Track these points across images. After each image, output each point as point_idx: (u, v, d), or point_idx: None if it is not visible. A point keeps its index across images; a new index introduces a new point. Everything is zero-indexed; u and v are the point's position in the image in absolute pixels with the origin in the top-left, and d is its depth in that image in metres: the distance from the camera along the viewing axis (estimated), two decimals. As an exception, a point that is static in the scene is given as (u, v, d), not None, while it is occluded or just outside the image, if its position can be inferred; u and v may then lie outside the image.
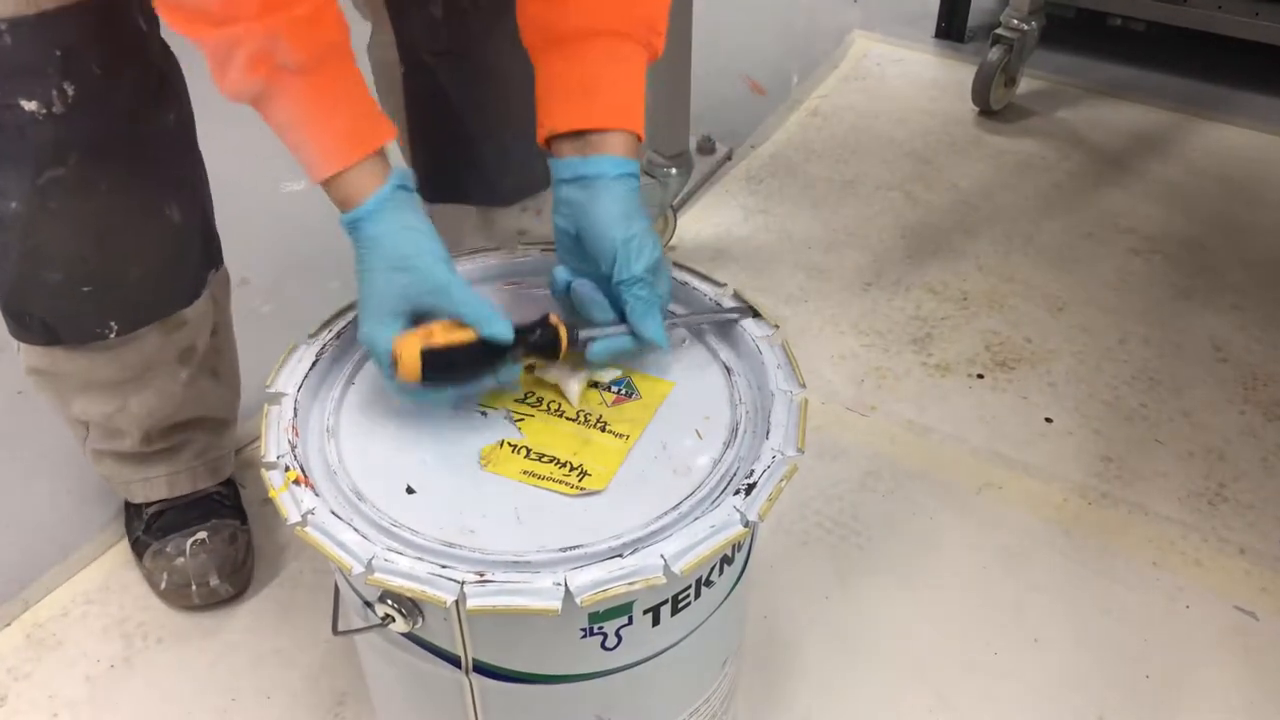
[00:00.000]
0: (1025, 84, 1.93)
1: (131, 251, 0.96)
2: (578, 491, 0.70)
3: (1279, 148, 1.80)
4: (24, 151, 0.88)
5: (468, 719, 0.74)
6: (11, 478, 1.27)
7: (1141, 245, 1.60)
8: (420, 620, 0.68)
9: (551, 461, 0.72)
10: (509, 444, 0.74)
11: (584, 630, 0.68)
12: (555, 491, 0.71)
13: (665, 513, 0.68)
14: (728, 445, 0.73)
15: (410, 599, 0.66)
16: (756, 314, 0.83)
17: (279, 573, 1.16)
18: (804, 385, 0.77)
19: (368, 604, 0.70)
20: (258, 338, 1.19)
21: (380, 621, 0.68)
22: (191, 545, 1.10)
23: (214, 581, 1.10)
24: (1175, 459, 1.28)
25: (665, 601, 0.70)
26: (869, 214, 1.66)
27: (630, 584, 0.64)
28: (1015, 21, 1.82)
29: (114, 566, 1.16)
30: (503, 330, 0.72)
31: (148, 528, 1.13)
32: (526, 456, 0.73)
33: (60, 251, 0.94)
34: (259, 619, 1.11)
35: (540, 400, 0.77)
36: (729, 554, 0.73)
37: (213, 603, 1.11)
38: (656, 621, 0.71)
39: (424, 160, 1.10)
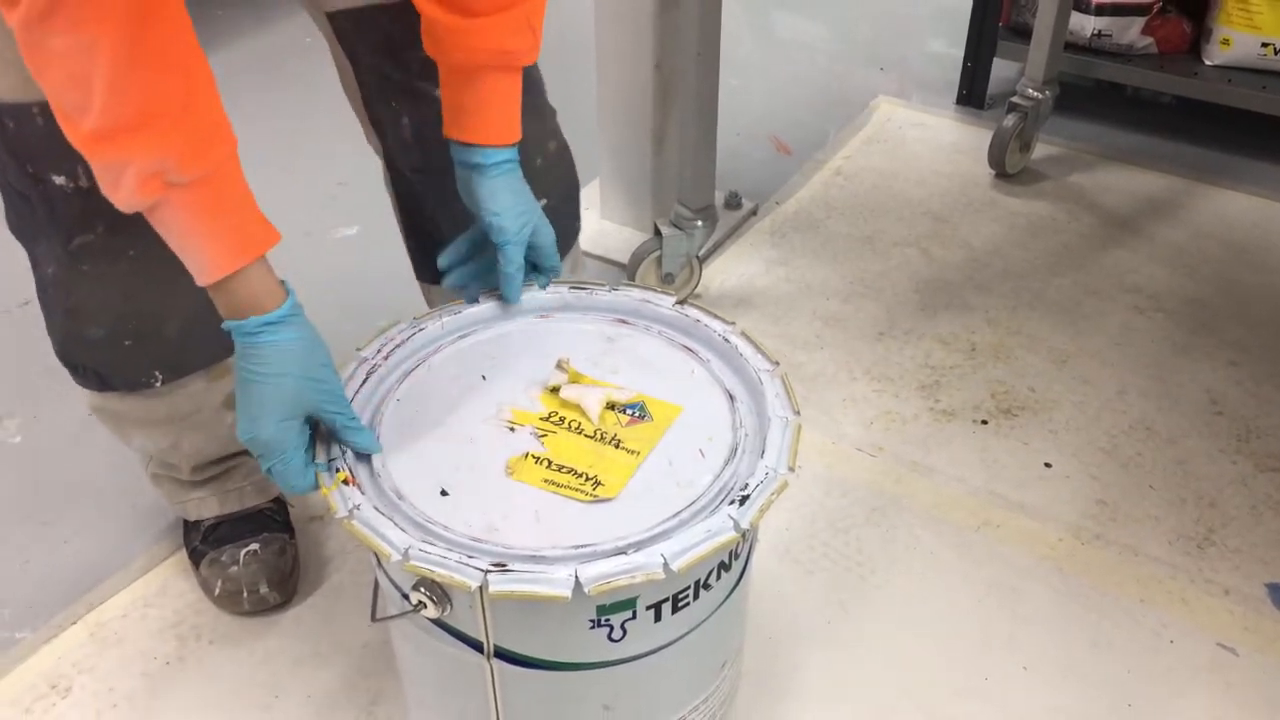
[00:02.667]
0: (1040, 149, 2.02)
1: (164, 309, 1.04)
2: (591, 498, 0.80)
3: (1282, 214, 1.88)
4: (56, 221, 0.97)
5: (488, 702, 0.83)
6: (80, 492, 1.38)
7: (1145, 303, 1.68)
8: (449, 607, 0.77)
9: (570, 472, 0.82)
10: (533, 456, 0.83)
11: (592, 621, 0.77)
12: (572, 498, 0.80)
13: (667, 519, 0.77)
14: (727, 463, 0.82)
15: (440, 585, 0.76)
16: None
17: (321, 584, 1.25)
18: (798, 412, 0.85)
19: (404, 594, 0.79)
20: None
21: (413, 608, 0.78)
22: (245, 555, 1.20)
23: (264, 589, 1.19)
24: (1167, 504, 1.34)
25: (666, 599, 0.78)
26: (885, 268, 1.75)
27: (632, 578, 0.72)
28: (1030, 90, 1.91)
29: (171, 574, 1.26)
30: (370, 444, 0.83)
31: (204, 539, 1.23)
32: (548, 467, 0.82)
33: (99, 309, 1.03)
34: (301, 625, 1.21)
35: (563, 420, 0.87)
36: (725, 560, 0.82)
37: (261, 609, 1.20)
38: (658, 618, 0.79)
39: (414, 247, 1.20)
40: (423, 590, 0.76)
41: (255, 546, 1.21)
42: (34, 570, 1.28)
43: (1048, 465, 1.40)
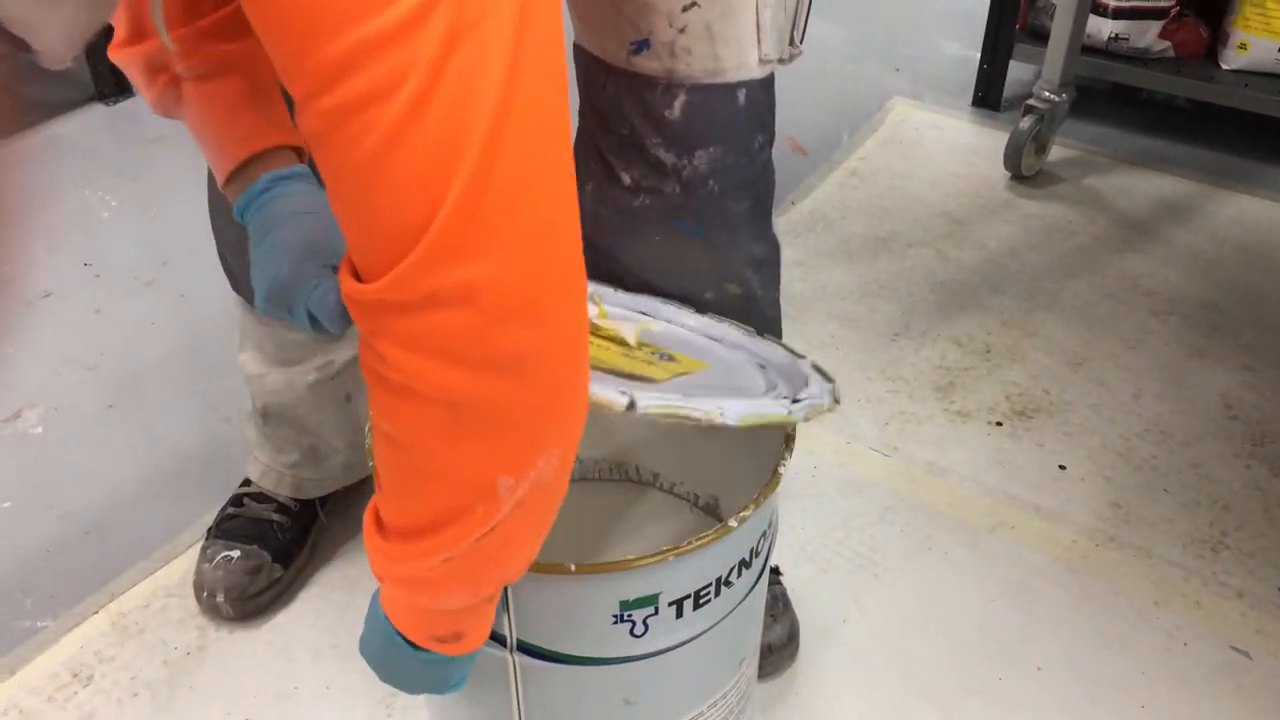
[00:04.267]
0: (1057, 152, 2.02)
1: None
2: (635, 378, 0.78)
3: (1298, 219, 1.88)
4: None
5: (511, 695, 0.84)
6: (100, 484, 1.39)
7: (1160, 307, 1.68)
8: (473, 601, 0.78)
9: (609, 368, 0.80)
10: None
11: (615, 617, 0.78)
12: (620, 372, 0.78)
13: (725, 393, 0.77)
14: (770, 388, 0.83)
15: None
16: None
17: (342, 579, 1.26)
18: (832, 380, 0.86)
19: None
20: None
21: (438, 601, 0.78)
22: (220, 559, 1.19)
23: (220, 599, 1.18)
24: (1181, 507, 1.35)
25: (689, 596, 0.79)
26: (900, 269, 1.76)
27: (692, 411, 0.71)
28: (1047, 93, 1.92)
29: (191, 564, 1.27)
30: None
31: (217, 525, 1.24)
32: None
33: (225, 220, 1.01)
34: (321, 618, 1.22)
35: (598, 330, 0.85)
36: (746, 558, 0.83)
37: (213, 617, 1.20)
38: (680, 614, 0.80)
39: None
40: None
41: (235, 554, 1.20)
42: (55, 560, 1.29)
43: (1062, 467, 1.41)
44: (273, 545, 1.22)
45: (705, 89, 0.90)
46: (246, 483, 1.27)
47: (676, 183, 0.93)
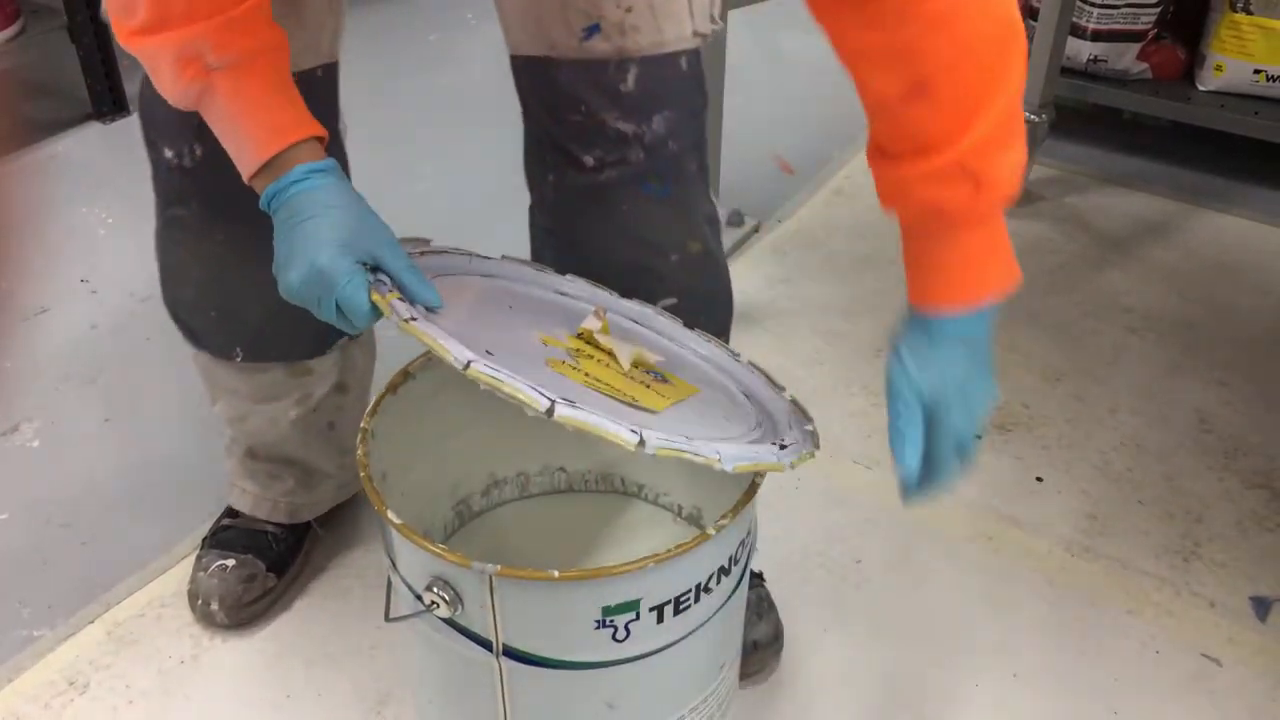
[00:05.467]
0: (1037, 171, 2.06)
1: (246, 294, 1.07)
2: (634, 407, 0.81)
3: (1273, 237, 1.92)
4: (159, 188, 1.07)
5: (497, 699, 0.86)
6: (97, 496, 1.42)
7: (1138, 323, 1.71)
8: (460, 607, 0.81)
9: (608, 385, 0.82)
10: (569, 365, 0.84)
11: (598, 622, 0.81)
12: (615, 398, 0.81)
13: (716, 438, 0.79)
14: (756, 425, 0.86)
15: (452, 570, 0.79)
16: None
17: (333, 589, 1.28)
18: (811, 419, 0.91)
19: (417, 595, 0.83)
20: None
21: (426, 608, 0.81)
22: (215, 567, 1.22)
23: (214, 606, 1.20)
24: (1155, 519, 1.38)
25: (669, 601, 0.82)
26: (885, 286, 1.79)
27: (694, 455, 0.74)
28: (1027, 114, 1.96)
29: (186, 575, 1.29)
30: (431, 296, 0.80)
31: (212, 535, 1.26)
32: (586, 375, 0.83)
33: (185, 276, 1.10)
34: (313, 627, 1.24)
35: (594, 355, 0.88)
36: (725, 565, 0.85)
37: (208, 625, 1.22)
38: (661, 619, 0.83)
39: None
40: (435, 590, 0.80)
41: (230, 563, 1.22)
42: (52, 571, 1.32)
43: (1039, 480, 1.44)
44: (267, 555, 1.24)
45: (653, 60, 0.97)
46: (234, 514, 1.27)
47: (640, 148, 0.99)
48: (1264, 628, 1.24)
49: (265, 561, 1.24)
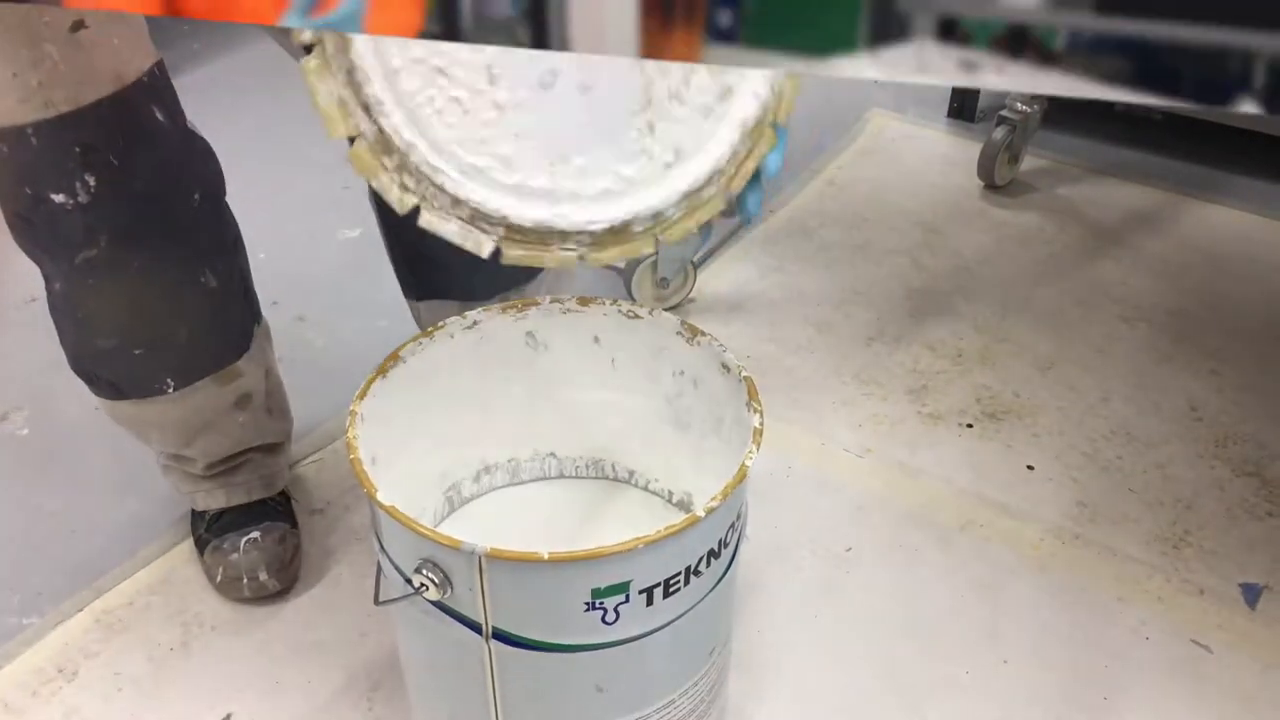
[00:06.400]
0: (1030, 162, 2.06)
1: (173, 317, 1.08)
2: None
3: (1263, 227, 1.92)
4: (59, 239, 1.00)
5: (487, 682, 0.86)
6: (87, 484, 1.41)
7: (1129, 313, 1.72)
8: (449, 590, 0.81)
9: None
10: None
11: (587, 604, 0.81)
12: None
13: None
14: None
15: (442, 551, 0.79)
16: None
17: (323, 576, 1.28)
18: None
19: (406, 578, 0.83)
20: (312, 368, 1.35)
21: (415, 590, 0.81)
22: (245, 543, 1.23)
23: (263, 576, 1.22)
24: (1146, 506, 1.38)
25: (658, 584, 0.82)
26: (877, 276, 1.79)
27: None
28: (1019, 105, 1.96)
29: (175, 564, 1.30)
30: None
31: (209, 528, 1.26)
32: None
33: (108, 321, 1.08)
34: (302, 614, 1.24)
35: None
36: (715, 548, 0.85)
37: (261, 596, 1.23)
38: (650, 602, 0.83)
39: (398, 260, 1.23)
40: (424, 573, 0.80)
41: (256, 534, 1.23)
42: (41, 558, 1.31)
43: (1030, 468, 1.44)
44: (278, 516, 1.26)
45: None
46: (205, 513, 1.28)
47: None
48: (1253, 614, 1.25)
49: (284, 521, 1.26)
